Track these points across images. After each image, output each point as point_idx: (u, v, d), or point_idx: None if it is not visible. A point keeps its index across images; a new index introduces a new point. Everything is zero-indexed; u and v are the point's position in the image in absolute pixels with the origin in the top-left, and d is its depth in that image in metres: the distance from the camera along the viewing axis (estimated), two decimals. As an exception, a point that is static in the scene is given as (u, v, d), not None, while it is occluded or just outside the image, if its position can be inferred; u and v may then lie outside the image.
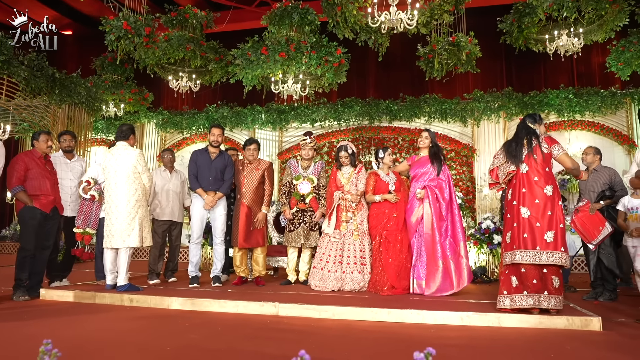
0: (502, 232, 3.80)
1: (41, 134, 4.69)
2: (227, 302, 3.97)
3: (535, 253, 3.54)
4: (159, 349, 2.75)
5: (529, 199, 3.62)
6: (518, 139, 3.81)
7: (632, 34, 7.73)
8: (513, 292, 3.59)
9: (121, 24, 6.18)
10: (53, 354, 1.57)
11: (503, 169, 3.75)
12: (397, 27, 5.67)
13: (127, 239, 4.52)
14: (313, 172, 5.29)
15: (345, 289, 4.75)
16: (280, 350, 2.81)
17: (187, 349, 2.78)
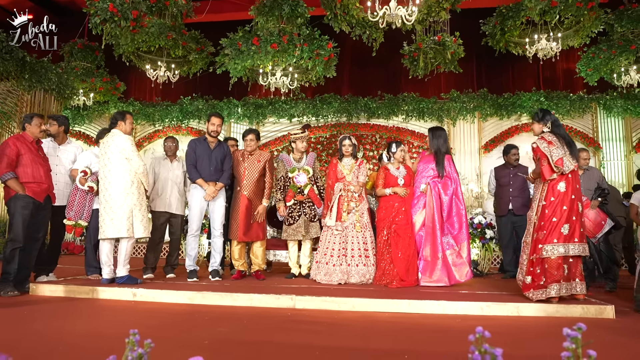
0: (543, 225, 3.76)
1: (34, 117, 4.37)
2: (240, 296, 3.84)
3: (584, 245, 3.76)
4: (197, 343, 2.61)
5: (579, 195, 3.81)
6: (567, 136, 3.90)
7: (602, 42, 8.14)
8: (564, 280, 3.68)
9: (107, 5, 5.85)
10: (146, 345, 1.47)
11: (568, 162, 3.77)
12: (395, 22, 5.70)
13: (122, 228, 4.32)
14: (307, 163, 5.23)
15: (350, 281, 4.72)
16: (319, 341, 2.75)
17: (223, 342, 2.66)
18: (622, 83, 8.49)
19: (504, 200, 5.73)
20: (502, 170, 5.86)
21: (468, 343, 1.22)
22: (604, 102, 9.31)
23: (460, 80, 10.52)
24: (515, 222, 5.63)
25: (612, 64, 8.15)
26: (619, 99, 9.25)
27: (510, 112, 9.67)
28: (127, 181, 4.39)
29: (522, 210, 5.58)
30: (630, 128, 9.34)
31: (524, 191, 5.63)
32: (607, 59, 8.09)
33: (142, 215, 4.47)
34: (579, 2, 7.00)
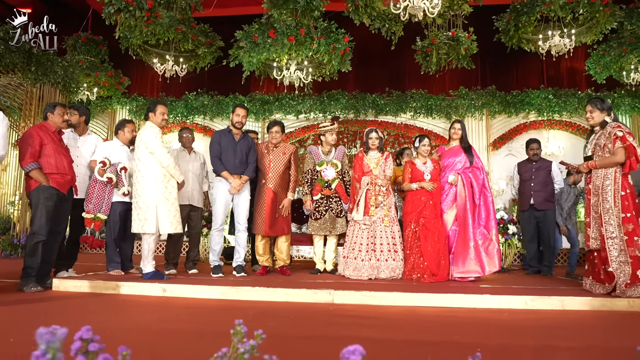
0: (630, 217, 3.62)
1: (57, 106, 4.22)
2: (277, 291, 3.73)
3: None
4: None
5: None
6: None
7: (612, 39, 8.15)
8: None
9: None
10: (258, 336, 1.38)
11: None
12: (417, 15, 5.61)
13: (145, 223, 4.20)
14: (336, 157, 5.13)
15: (380, 277, 4.63)
16: (374, 334, 2.65)
17: (280, 338, 2.54)
18: (631, 81, 8.51)
19: (526, 195, 5.69)
20: (524, 165, 5.82)
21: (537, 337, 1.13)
22: (612, 100, 9.33)
23: (464, 77, 10.47)
24: (537, 217, 5.59)
25: (622, 61, 8.17)
26: (627, 97, 9.27)
27: (519, 110, 9.65)
28: (151, 175, 4.28)
29: (544, 205, 5.54)
30: (638, 126, 9.38)
31: (546, 186, 5.59)
32: (617, 56, 8.10)
33: (167, 211, 4.33)
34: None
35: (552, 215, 5.54)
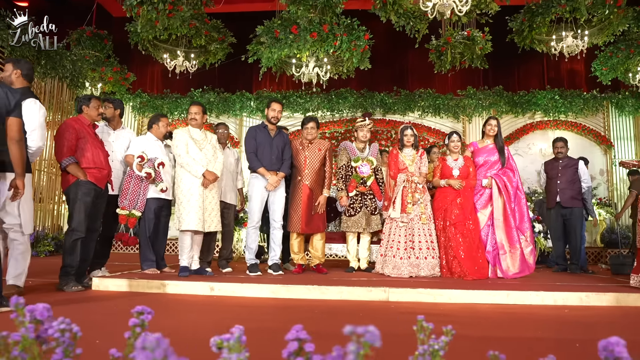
0: None
1: (92, 99, 4.08)
2: (330, 289, 3.66)
3: None
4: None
5: None
6: None
7: (620, 41, 8.28)
8: None
9: (147, -14, 5.55)
10: (447, 332, 1.33)
11: None
12: (446, 13, 5.61)
13: (179, 220, 4.25)
14: (371, 154, 5.08)
15: (420, 274, 4.59)
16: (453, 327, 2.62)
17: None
18: (636, 82, 8.66)
19: (552, 193, 5.73)
20: (551, 163, 5.87)
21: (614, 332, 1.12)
22: (616, 101, 9.49)
23: (467, 77, 10.52)
24: (564, 214, 5.63)
25: (629, 63, 8.32)
26: (630, 98, 9.44)
27: (525, 110, 9.75)
28: (178, 173, 4.36)
29: (570, 203, 5.59)
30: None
31: (573, 184, 5.63)
32: (624, 58, 8.24)
33: (198, 207, 4.24)
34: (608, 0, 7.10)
35: (578, 212, 5.58)
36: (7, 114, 2.92)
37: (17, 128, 2.97)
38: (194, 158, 4.27)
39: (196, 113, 4.44)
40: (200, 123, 4.46)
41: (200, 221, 4.23)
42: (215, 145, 4.46)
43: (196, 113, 4.44)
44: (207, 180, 4.27)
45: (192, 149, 4.31)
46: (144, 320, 1.35)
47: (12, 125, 2.94)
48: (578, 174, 5.62)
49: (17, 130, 2.97)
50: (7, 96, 2.92)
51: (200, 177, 4.26)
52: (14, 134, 2.95)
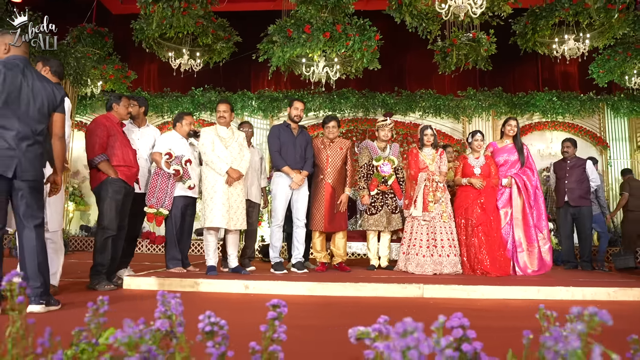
0: None
1: (122, 97, 4.07)
2: (365, 286, 3.70)
3: None
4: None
5: None
6: None
7: (617, 44, 8.50)
8: None
9: (163, -15, 5.50)
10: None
11: None
12: (460, 14, 5.69)
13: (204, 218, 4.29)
14: (392, 153, 5.14)
15: (444, 272, 4.66)
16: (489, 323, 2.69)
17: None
18: (632, 85, 8.90)
19: (561, 193, 5.86)
20: (559, 164, 6.01)
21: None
22: (612, 103, 9.74)
23: (464, 79, 10.66)
24: (573, 213, 5.77)
25: (625, 66, 8.54)
26: (625, 100, 9.70)
27: (524, 111, 9.93)
28: (204, 171, 4.39)
29: (579, 202, 5.73)
30: (635, 128, 9.82)
31: (581, 183, 5.76)
32: (622, 61, 8.46)
33: (222, 205, 4.23)
34: (611, 4, 7.29)
35: (587, 211, 5.72)
36: (54, 109, 2.90)
37: (62, 124, 2.96)
38: (218, 156, 4.26)
39: (224, 111, 4.43)
40: (228, 121, 4.46)
41: (224, 219, 4.21)
42: (242, 144, 4.45)
43: (224, 111, 4.43)
44: (230, 178, 4.26)
45: (218, 146, 4.29)
46: (281, 312, 1.38)
47: (58, 122, 2.93)
48: (586, 174, 5.76)
49: (62, 126, 2.96)
50: (53, 92, 2.90)
51: (224, 174, 4.25)
52: (59, 130, 2.94)
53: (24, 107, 2.73)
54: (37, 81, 2.83)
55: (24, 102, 2.73)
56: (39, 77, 2.89)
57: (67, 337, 1.30)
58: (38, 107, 2.78)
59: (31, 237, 2.72)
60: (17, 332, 1.27)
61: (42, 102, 2.80)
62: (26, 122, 2.72)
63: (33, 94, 2.77)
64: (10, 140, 2.64)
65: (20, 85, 2.74)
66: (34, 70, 2.90)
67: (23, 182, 2.68)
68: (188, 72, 8.47)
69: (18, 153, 2.65)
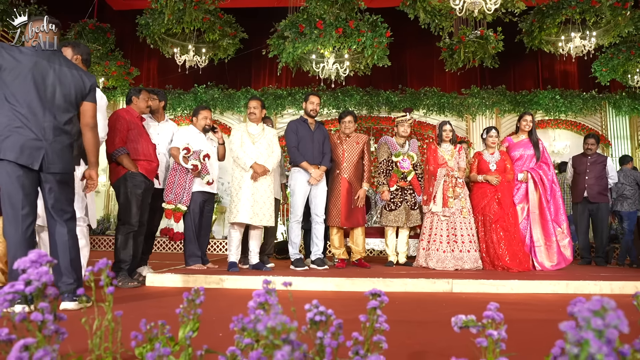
0: None
1: (142, 91, 4.01)
2: (394, 281, 3.65)
3: None
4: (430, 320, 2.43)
5: None
6: None
7: (621, 43, 8.55)
8: None
9: (176, -22, 5.41)
10: None
11: None
12: (474, 10, 5.69)
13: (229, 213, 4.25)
14: (411, 149, 5.11)
15: (465, 267, 4.64)
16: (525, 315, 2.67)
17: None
18: (635, 83, 8.98)
19: (580, 188, 5.87)
20: (579, 159, 6.00)
21: None
22: (614, 102, 9.81)
23: (465, 77, 10.68)
24: (591, 209, 5.78)
25: (628, 64, 8.60)
26: (627, 98, 9.77)
27: (527, 109, 9.94)
28: (237, 166, 4.33)
29: (598, 198, 5.73)
30: (636, 126, 9.90)
31: (601, 179, 5.77)
32: (625, 59, 8.52)
33: (245, 199, 4.18)
34: (617, 2, 7.33)
35: (605, 208, 5.73)
36: (82, 98, 2.76)
37: (93, 114, 2.79)
38: (244, 151, 4.21)
39: (255, 107, 4.39)
40: (258, 117, 4.43)
41: (248, 214, 4.16)
42: (271, 140, 4.40)
43: (255, 107, 4.39)
44: (255, 174, 4.20)
45: (246, 142, 4.25)
46: (382, 301, 1.33)
47: (88, 111, 2.75)
48: (606, 170, 5.76)
49: (92, 115, 2.78)
50: (82, 79, 2.74)
51: (248, 169, 4.20)
52: (90, 120, 2.75)
53: (50, 95, 2.57)
54: (64, 67, 2.66)
55: (49, 90, 2.57)
56: (67, 63, 2.71)
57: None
58: (64, 95, 2.61)
59: (62, 232, 2.61)
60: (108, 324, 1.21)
61: (69, 89, 2.63)
62: (52, 111, 2.56)
63: (60, 80, 2.61)
64: (36, 130, 2.50)
65: (46, 71, 2.60)
66: (61, 56, 2.76)
67: (50, 175, 2.53)
68: (193, 68, 8.38)
69: (45, 144, 2.50)
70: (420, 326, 2.38)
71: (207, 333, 2.01)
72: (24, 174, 2.46)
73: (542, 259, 4.74)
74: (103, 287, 1.20)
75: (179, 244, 8.28)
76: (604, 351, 0.69)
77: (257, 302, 1.24)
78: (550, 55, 9.10)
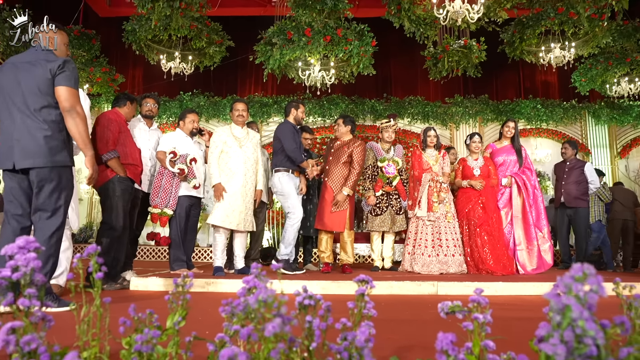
0: None
1: (135, 100, 4.01)
2: (380, 284, 3.67)
3: None
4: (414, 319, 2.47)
5: None
6: None
7: (599, 54, 8.78)
8: None
9: (162, -18, 5.42)
10: None
11: None
12: (458, 20, 5.80)
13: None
14: (396, 155, 5.15)
15: (450, 271, 4.68)
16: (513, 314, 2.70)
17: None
18: (613, 93, 9.21)
19: (558, 194, 5.98)
20: (559, 165, 6.13)
21: None
22: (593, 111, 10.04)
23: (448, 86, 10.84)
24: (569, 214, 5.88)
25: (607, 74, 8.84)
26: (606, 108, 10.01)
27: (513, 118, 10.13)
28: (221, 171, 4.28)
29: (574, 203, 5.83)
30: (615, 136, 10.14)
31: (578, 184, 5.87)
32: (603, 69, 8.75)
33: (229, 205, 4.17)
34: (594, 14, 7.54)
35: (583, 212, 5.83)
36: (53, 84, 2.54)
37: (67, 96, 2.53)
38: (219, 165, 4.23)
39: (243, 110, 4.41)
40: (245, 120, 4.45)
41: (235, 219, 4.15)
42: (257, 145, 4.42)
43: (243, 110, 4.41)
44: (217, 192, 4.20)
45: (233, 145, 4.25)
46: (370, 287, 1.35)
47: (61, 95, 2.53)
48: (584, 175, 5.87)
49: (67, 99, 2.53)
50: (46, 61, 2.56)
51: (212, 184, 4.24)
52: (65, 103, 2.53)
53: (20, 97, 2.51)
54: (25, 63, 2.57)
55: (19, 93, 2.52)
56: (29, 55, 2.64)
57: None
58: (31, 87, 2.51)
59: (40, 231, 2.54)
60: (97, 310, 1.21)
61: (33, 79, 2.52)
62: (24, 111, 2.50)
63: (24, 75, 2.53)
64: (12, 132, 2.49)
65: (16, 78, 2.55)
66: (29, 53, 2.67)
67: (33, 171, 2.50)
68: (179, 75, 8.38)
69: (16, 142, 2.47)
70: (406, 324, 2.40)
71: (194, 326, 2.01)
72: (8, 178, 2.50)
73: (524, 262, 4.81)
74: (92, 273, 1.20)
75: (164, 252, 8.21)
76: (585, 316, 0.72)
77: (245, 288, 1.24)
78: (531, 65, 9.30)
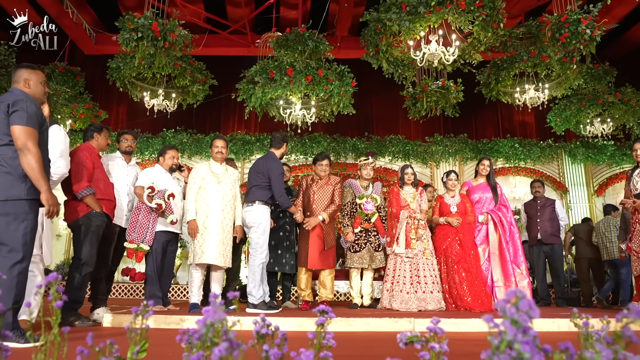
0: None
1: (103, 129, 4.02)
2: (357, 320, 3.64)
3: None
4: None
5: None
6: None
7: (572, 96, 9.11)
8: None
9: (149, 23, 5.54)
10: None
11: None
12: (434, 61, 6.01)
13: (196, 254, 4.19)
14: (375, 192, 5.22)
15: (428, 308, 4.67)
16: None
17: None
18: (587, 133, 9.51)
19: (533, 231, 6.08)
20: (530, 204, 6.26)
21: None
22: (569, 150, 10.32)
23: (429, 125, 11.07)
24: (546, 251, 5.96)
25: (580, 115, 9.14)
26: (581, 147, 10.30)
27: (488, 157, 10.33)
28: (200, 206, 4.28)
29: (551, 239, 5.94)
30: (591, 174, 10.39)
31: (552, 221, 6.00)
32: (576, 110, 9.06)
33: (211, 240, 4.16)
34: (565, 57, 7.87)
35: (559, 249, 5.93)
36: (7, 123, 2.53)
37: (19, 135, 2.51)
38: (196, 200, 4.25)
39: (222, 147, 4.46)
40: (224, 157, 4.48)
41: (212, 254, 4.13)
42: (235, 181, 4.45)
43: (222, 147, 4.46)
44: (191, 230, 4.21)
45: (211, 181, 4.27)
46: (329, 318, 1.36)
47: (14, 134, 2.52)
48: (555, 212, 6.01)
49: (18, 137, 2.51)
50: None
51: (187, 220, 4.25)
52: (18, 142, 2.51)
53: None
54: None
55: None
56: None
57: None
58: None
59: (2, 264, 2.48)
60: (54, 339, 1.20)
61: None
62: None
63: None
64: None
65: None
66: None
67: None
68: (162, 112, 8.45)
69: None
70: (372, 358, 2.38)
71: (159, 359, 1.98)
72: None
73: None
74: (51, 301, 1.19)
75: (141, 289, 8.04)
76: (519, 339, 0.75)
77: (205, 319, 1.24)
78: (508, 105, 9.58)
